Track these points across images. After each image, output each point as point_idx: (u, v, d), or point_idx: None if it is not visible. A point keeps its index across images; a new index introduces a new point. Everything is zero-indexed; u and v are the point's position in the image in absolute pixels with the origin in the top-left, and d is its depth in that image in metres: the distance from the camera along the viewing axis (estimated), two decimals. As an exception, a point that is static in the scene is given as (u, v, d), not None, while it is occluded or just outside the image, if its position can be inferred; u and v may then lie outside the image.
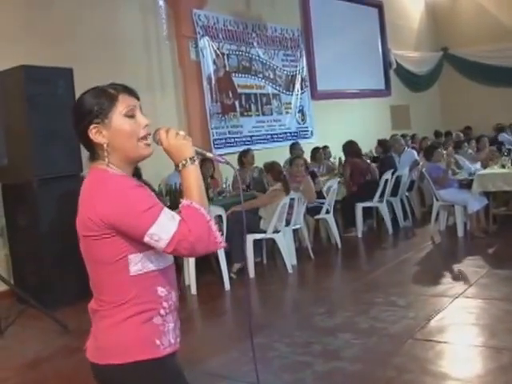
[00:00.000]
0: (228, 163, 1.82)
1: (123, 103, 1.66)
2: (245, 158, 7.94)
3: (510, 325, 4.07)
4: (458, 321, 4.30)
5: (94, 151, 1.68)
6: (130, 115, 1.66)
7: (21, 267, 5.79)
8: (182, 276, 5.87)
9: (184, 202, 1.64)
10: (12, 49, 6.00)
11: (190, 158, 1.67)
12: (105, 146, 1.65)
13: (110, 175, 1.64)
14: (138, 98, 1.72)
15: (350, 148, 8.12)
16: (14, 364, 4.23)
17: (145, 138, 1.68)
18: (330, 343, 4.05)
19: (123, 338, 1.64)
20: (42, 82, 5.45)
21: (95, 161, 1.69)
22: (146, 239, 1.57)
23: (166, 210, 1.59)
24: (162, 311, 1.68)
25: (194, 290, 5.60)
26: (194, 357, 4.03)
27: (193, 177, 1.67)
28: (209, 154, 1.79)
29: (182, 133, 1.70)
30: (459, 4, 14.63)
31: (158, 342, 1.66)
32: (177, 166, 1.69)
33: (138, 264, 1.64)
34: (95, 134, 1.64)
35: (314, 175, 7.57)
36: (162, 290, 1.68)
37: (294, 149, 8.88)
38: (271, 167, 6.52)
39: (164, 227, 1.55)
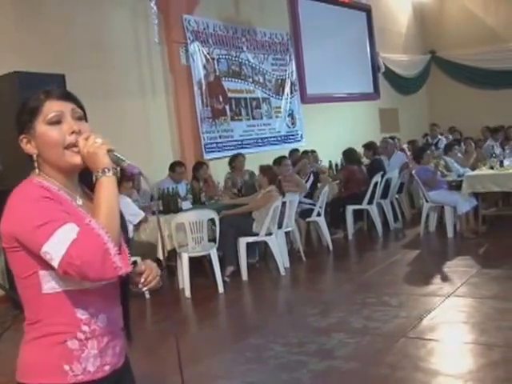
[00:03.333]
0: (141, 174, 1.60)
1: (49, 109, 1.53)
2: (234, 162, 8.00)
3: (500, 322, 4.15)
4: (449, 319, 4.38)
5: (31, 160, 1.58)
6: (56, 121, 1.52)
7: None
8: (175, 279, 5.92)
9: (86, 219, 1.46)
10: (4, 55, 6.01)
11: (102, 170, 1.49)
12: (34, 156, 1.55)
13: (28, 186, 1.51)
14: (76, 103, 1.58)
15: (350, 155, 8.25)
16: (11, 369, 4.21)
17: (73, 145, 1.52)
18: (325, 343, 4.10)
19: (30, 358, 1.55)
20: (35, 88, 5.37)
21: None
22: (42, 256, 1.41)
23: (69, 226, 1.40)
24: (81, 335, 1.52)
25: (188, 293, 5.64)
26: (190, 357, 4.08)
27: (103, 190, 1.49)
28: (124, 164, 1.54)
29: (98, 140, 1.51)
30: (446, 8, 14.77)
31: (66, 367, 1.50)
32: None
33: (51, 282, 1.48)
34: (25, 144, 1.56)
35: (316, 174, 7.92)
36: (82, 313, 1.52)
37: (292, 156, 8.91)
38: (268, 170, 6.48)
39: (56, 246, 1.38)
